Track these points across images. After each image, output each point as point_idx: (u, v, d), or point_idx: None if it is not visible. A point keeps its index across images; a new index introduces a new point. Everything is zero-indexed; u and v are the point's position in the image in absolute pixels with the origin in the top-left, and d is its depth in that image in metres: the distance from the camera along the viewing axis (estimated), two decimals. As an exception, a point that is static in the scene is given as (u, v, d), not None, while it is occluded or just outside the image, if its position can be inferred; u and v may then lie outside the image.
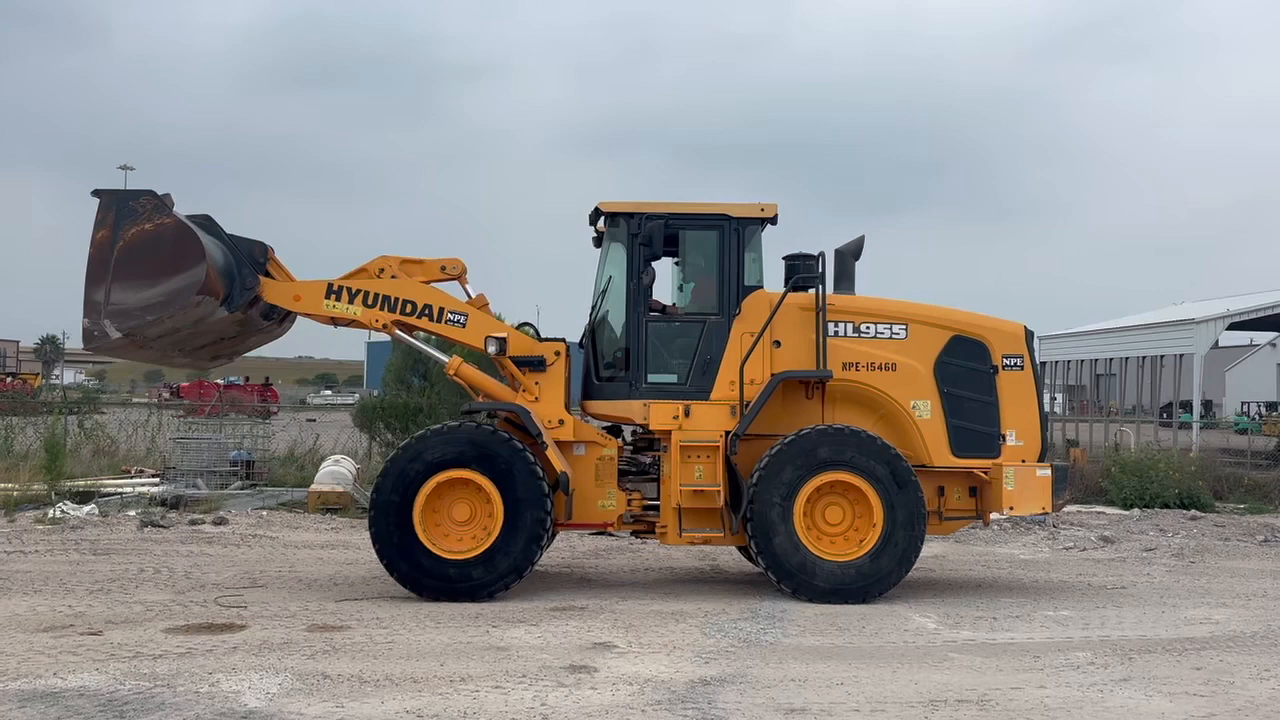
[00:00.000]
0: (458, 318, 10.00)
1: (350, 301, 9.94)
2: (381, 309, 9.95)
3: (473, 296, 10.25)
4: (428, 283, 10.21)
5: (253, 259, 9.92)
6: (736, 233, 9.93)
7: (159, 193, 9.34)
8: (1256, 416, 48.39)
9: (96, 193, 9.32)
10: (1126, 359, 35.56)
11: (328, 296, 9.95)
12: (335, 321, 10.10)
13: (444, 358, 10.34)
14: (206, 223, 10.08)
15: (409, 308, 9.96)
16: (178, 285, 9.09)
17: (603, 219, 10.27)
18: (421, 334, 10.58)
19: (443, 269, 10.30)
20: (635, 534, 10.49)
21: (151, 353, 10.11)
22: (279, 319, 10.56)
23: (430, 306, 9.99)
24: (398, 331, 10.13)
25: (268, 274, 10.00)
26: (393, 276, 10.09)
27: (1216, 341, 31.82)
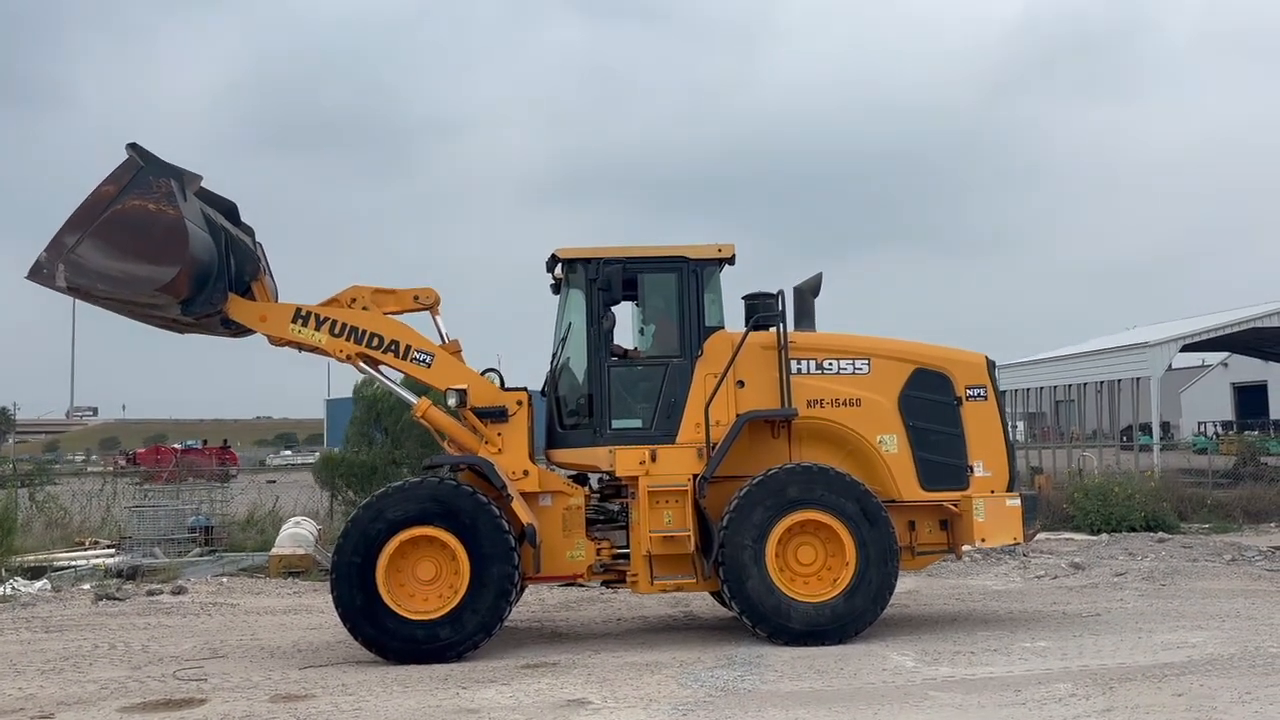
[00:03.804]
0: (424, 357, 9.82)
1: (316, 328, 9.73)
2: (347, 339, 9.73)
3: (448, 340, 10.08)
4: (400, 313, 10.04)
5: (241, 270, 9.67)
6: (695, 274, 9.89)
7: (187, 175, 9.00)
8: (1214, 436, 49.12)
9: (132, 146, 8.96)
10: (1085, 385, 35.99)
11: (294, 321, 9.74)
12: (300, 347, 9.85)
13: (413, 398, 10.12)
14: (229, 211, 9.80)
15: (375, 341, 9.76)
16: (142, 274, 8.79)
17: (560, 266, 10.19)
18: (387, 371, 10.33)
19: (415, 299, 10.13)
20: (606, 584, 10.31)
21: (93, 302, 9.55)
22: (236, 329, 10.10)
23: (397, 342, 9.79)
24: (362, 364, 9.91)
25: (249, 291, 9.77)
26: (364, 308, 9.91)
27: (1170, 364, 32.29)
